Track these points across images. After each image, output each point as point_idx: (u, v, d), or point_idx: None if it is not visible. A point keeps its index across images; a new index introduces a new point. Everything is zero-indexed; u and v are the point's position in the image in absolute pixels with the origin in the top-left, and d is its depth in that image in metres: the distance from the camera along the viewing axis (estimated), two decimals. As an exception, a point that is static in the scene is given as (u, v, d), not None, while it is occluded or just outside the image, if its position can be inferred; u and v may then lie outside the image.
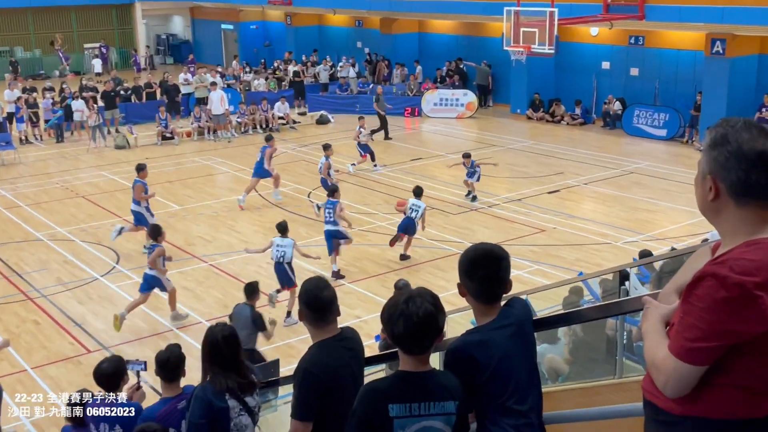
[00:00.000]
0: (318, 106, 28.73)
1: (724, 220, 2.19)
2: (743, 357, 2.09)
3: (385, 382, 2.98)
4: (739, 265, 2.04)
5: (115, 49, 42.50)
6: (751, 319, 2.03)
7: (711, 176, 2.16)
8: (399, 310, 2.81)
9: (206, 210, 17.75)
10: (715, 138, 2.16)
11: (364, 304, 12.36)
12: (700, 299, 2.07)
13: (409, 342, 2.83)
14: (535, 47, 20.19)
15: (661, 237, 15.10)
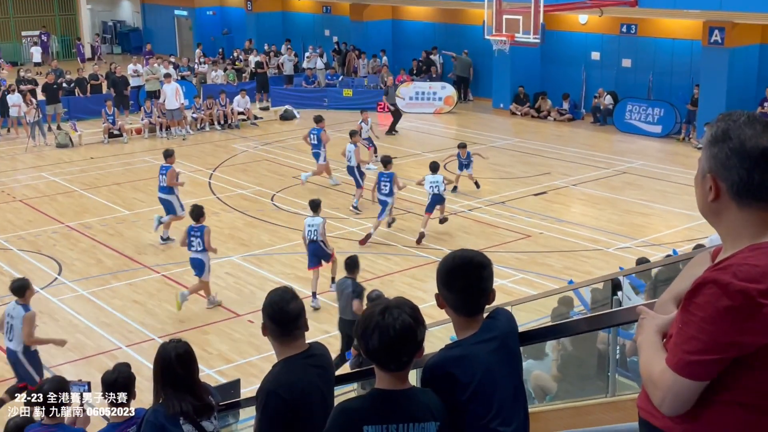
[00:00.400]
0: (282, 100, 28.67)
1: (725, 222, 2.20)
2: (747, 371, 2.11)
3: (360, 402, 2.97)
4: (743, 271, 2.05)
5: (57, 38, 42.07)
6: (755, 329, 2.04)
7: (711, 175, 2.17)
8: (374, 322, 2.80)
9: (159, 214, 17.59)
10: (715, 134, 2.17)
11: (334, 318, 12.32)
12: (701, 308, 2.08)
13: (385, 357, 2.83)
14: (519, 36, 20.32)
15: (657, 242, 15.25)
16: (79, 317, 12.69)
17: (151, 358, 4.59)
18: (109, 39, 44.92)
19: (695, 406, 2.15)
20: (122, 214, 17.72)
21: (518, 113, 27.33)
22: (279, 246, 15.54)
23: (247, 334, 12.00)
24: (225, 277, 14.24)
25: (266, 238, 16.02)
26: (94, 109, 26.19)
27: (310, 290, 12.93)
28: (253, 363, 11.08)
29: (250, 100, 27.68)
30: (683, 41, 24.41)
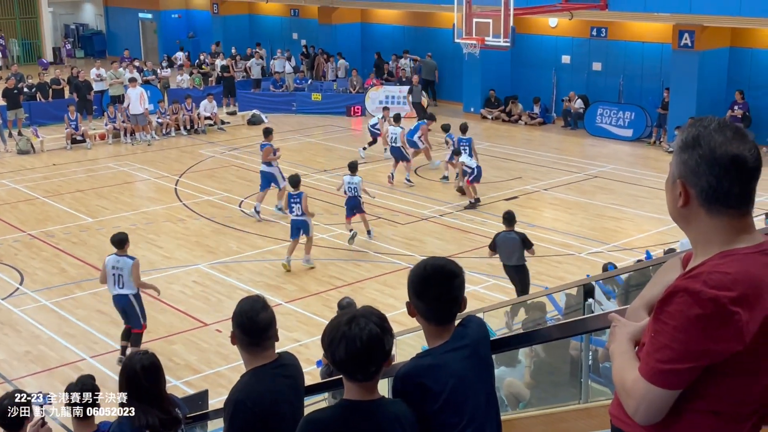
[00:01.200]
0: (249, 104, 28.56)
1: (696, 228, 2.22)
2: (719, 379, 2.13)
3: (328, 413, 2.96)
4: (714, 279, 2.07)
5: (17, 41, 41.59)
6: (727, 337, 2.06)
7: (681, 181, 2.19)
8: (341, 332, 2.79)
9: (123, 222, 17.44)
10: (686, 139, 2.19)
11: (304, 326, 12.31)
12: (673, 317, 2.10)
13: (352, 368, 2.82)
14: (490, 39, 20.41)
15: (628, 246, 15.39)
16: (41, 328, 12.53)
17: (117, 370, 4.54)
18: (72, 42, 44.51)
19: (668, 415, 2.17)
20: (86, 222, 17.54)
21: (489, 117, 27.47)
22: (247, 253, 15.47)
23: (215, 343, 11.93)
24: (192, 285, 14.14)
25: (234, 245, 15.94)
26: (56, 115, 25.89)
27: (349, 231, 15.75)
28: (221, 373, 11.01)
29: (217, 104, 27.56)
30: (653, 44, 24.69)
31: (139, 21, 41.65)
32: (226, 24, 36.29)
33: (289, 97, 29.09)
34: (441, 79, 29.20)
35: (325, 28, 32.34)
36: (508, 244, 12.41)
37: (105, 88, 27.77)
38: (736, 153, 2.12)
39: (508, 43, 20.23)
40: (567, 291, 8.67)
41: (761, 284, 2.11)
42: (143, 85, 26.75)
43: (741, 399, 2.17)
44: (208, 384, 10.27)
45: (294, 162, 22.16)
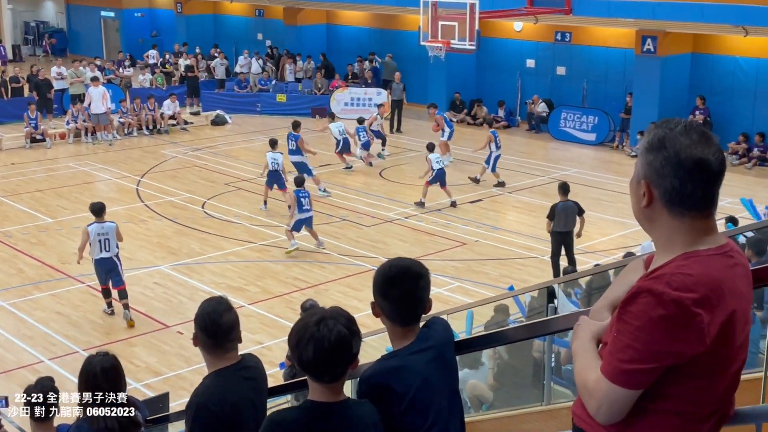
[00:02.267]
0: (213, 104, 28.39)
1: (659, 229, 2.25)
2: (681, 380, 2.15)
3: (293, 413, 2.95)
4: (677, 281, 2.10)
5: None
6: (689, 338, 2.09)
7: (645, 182, 2.21)
8: (309, 332, 2.78)
9: (83, 223, 17.19)
10: (651, 141, 2.21)
11: (267, 329, 12.25)
12: (635, 317, 2.12)
13: (319, 369, 2.81)
14: (455, 43, 20.51)
15: (591, 250, 15.52)
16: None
17: (76, 372, 4.49)
18: (31, 40, 43.88)
19: (630, 415, 2.19)
20: (45, 222, 17.30)
21: (454, 120, 27.54)
22: (210, 255, 15.37)
23: (177, 345, 11.83)
24: (153, 287, 14.02)
25: (197, 246, 15.82)
26: (15, 113, 25.50)
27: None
28: (182, 376, 10.92)
29: (180, 104, 27.34)
30: (617, 50, 24.95)
31: (101, 19, 41.19)
32: (190, 23, 36.03)
33: (254, 98, 28.96)
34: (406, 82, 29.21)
35: (290, 29, 32.25)
36: (568, 212, 13.75)
37: (66, 87, 27.42)
38: (701, 156, 2.14)
39: (473, 46, 20.36)
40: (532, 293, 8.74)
41: (723, 286, 2.13)
42: (105, 85, 26.46)
43: (702, 400, 2.19)
44: (169, 386, 10.18)
45: (257, 163, 22.01)
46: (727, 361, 2.19)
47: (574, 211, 13.87)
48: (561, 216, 13.73)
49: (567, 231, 13.88)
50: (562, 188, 13.96)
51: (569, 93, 26.10)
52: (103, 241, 12.34)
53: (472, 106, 27.59)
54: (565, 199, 13.81)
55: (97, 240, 12.30)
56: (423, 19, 20.93)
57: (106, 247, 12.37)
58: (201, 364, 3.89)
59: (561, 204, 13.78)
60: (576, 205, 13.87)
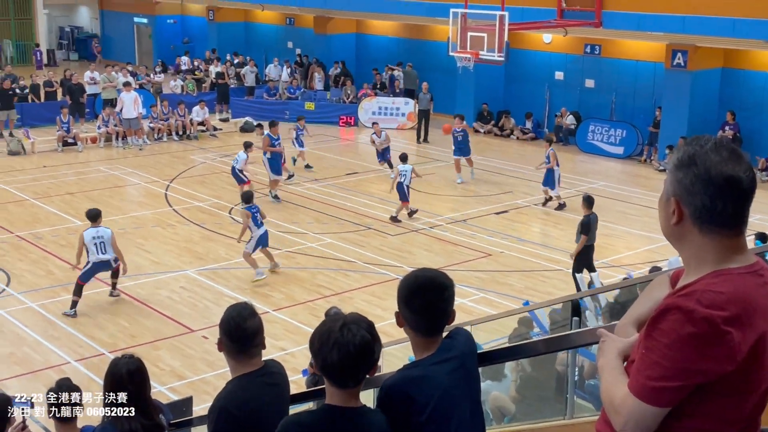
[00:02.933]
0: (243, 111, 28.56)
1: (688, 246, 2.22)
2: (709, 398, 2.12)
3: (310, 417, 2.97)
4: (707, 298, 2.07)
5: (11, 42, 41.49)
6: (719, 357, 2.06)
7: (675, 199, 2.19)
8: (333, 338, 2.79)
9: (112, 226, 17.35)
10: (681, 158, 2.19)
11: (291, 335, 12.28)
12: (664, 334, 2.10)
13: (342, 373, 2.82)
14: (484, 54, 20.48)
15: (617, 264, 15.42)
16: (26, 330, 12.46)
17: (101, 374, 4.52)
18: (65, 45, 44.42)
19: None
20: (75, 225, 17.46)
21: (481, 131, 27.53)
22: (236, 260, 15.42)
23: (201, 350, 11.88)
24: (180, 291, 14.09)
25: (223, 252, 15.90)
26: (48, 117, 25.81)
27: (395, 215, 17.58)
28: (206, 380, 10.97)
29: (210, 110, 27.53)
30: (646, 63, 24.81)
31: (134, 25, 41.62)
32: (221, 30, 36.31)
33: (282, 105, 29.09)
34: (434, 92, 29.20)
35: (320, 37, 32.39)
36: (596, 224, 13.99)
37: (98, 92, 27.70)
38: (731, 174, 2.12)
39: (502, 57, 20.30)
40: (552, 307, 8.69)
41: (753, 304, 2.11)
42: (136, 90, 26.72)
43: (730, 418, 2.16)
44: (192, 390, 10.23)
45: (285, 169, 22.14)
46: (756, 381, 2.16)
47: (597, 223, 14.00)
48: (594, 229, 13.84)
49: (593, 244, 13.96)
50: (588, 201, 13.99)
51: (597, 106, 25.97)
52: (99, 243, 12.95)
53: (500, 117, 27.54)
54: (591, 211, 13.85)
55: (92, 243, 12.92)
56: (452, 29, 20.93)
57: (102, 250, 12.98)
58: (225, 369, 3.91)
59: (593, 216, 13.86)
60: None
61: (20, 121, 25.94)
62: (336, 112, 28.47)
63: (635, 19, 21.98)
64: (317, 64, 31.69)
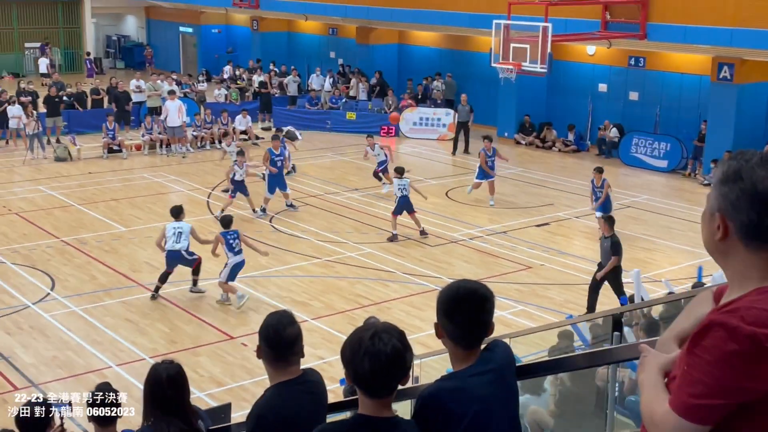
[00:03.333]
0: (285, 121, 28.76)
1: (733, 263, 2.19)
2: (753, 417, 2.08)
3: (342, 426, 2.97)
4: (751, 315, 2.03)
5: (60, 50, 42.30)
6: (762, 375, 2.02)
7: (720, 214, 2.16)
8: (364, 347, 2.78)
9: (155, 233, 17.57)
10: (726, 172, 2.16)
11: (329, 344, 12.29)
12: (707, 351, 2.07)
13: (373, 383, 2.81)
14: (526, 65, 20.41)
15: (659, 279, 15.22)
16: (70, 334, 12.65)
17: (141, 379, 4.57)
18: (112, 53, 45.15)
19: (696, 451, 2.13)
20: (118, 231, 17.71)
21: (523, 142, 27.41)
22: (276, 268, 15.52)
23: (240, 357, 11.96)
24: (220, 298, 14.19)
25: (263, 259, 15.99)
26: (94, 124, 26.23)
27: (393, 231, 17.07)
28: (245, 387, 11.03)
29: (252, 119, 27.76)
30: (692, 76, 24.52)
31: (179, 34, 42.19)
32: (265, 40, 36.65)
33: (324, 115, 29.25)
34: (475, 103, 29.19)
35: (362, 47, 32.53)
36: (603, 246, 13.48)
37: (143, 100, 28.10)
38: None
39: (545, 69, 20.21)
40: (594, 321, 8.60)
41: (799, 322, 2.07)
42: (181, 98, 27.06)
43: (772, 438, 2.12)
44: (231, 397, 10.29)
45: (326, 179, 22.27)
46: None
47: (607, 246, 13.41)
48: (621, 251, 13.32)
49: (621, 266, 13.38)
50: (610, 221, 13.57)
51: (641, 118, 25.71)
52: (177, 233, 13.85)
53: (542, 129, 27.39)
54: (613, 232, 13.37)
55: (171, 234, 13.85)
56: (495, 40, 20.89)
57: (179, 239, 13.81)
58: (263, 377, 3.92)
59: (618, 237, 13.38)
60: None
61: (67, 128, 26.40)
62: (377, 123, 28.54)
63: (681, 31, 21.75)
64: (359, 74, 31.82)
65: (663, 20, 21.99)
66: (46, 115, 25.61)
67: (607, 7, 22.65)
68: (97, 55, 42.94)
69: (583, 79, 27.11)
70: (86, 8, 42.13)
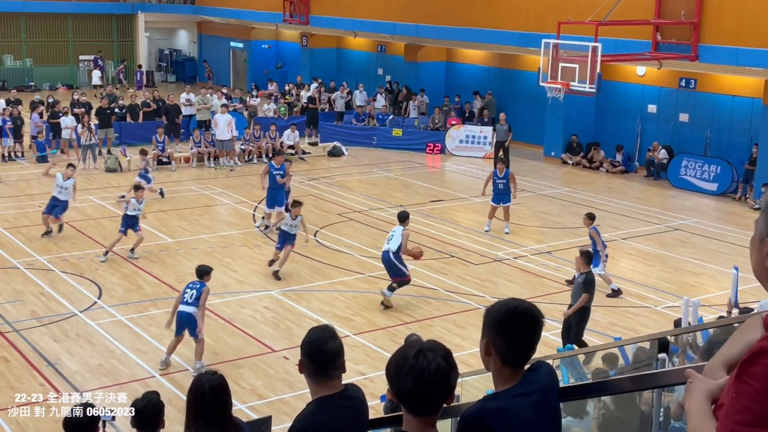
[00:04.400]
0: (331, 136, 28.93)
1: (782, 289, 2.15)
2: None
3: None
4: None
5: (113, 63, 43.11)
6: None
7: (770, 240, 2.13)
8: (408, 364, 2.78)
9: (201, 245, 17.80)
10: None
11: (371, 360, 12.29)
12: (756, 379, 2.03)
13: (417, 401, 2.81)
14: (575, 85, 20.30)
15: (707, 303, 14.97)
16: (115, 343, 12.81)
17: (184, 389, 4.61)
18: (164, 67, 45.88)
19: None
20: (165, 242, 17.92)
21: (570, 162, 27.22)
22: (319, 283, 15.57)
23: (282, 370, 12.00)
24: (263, 310, 14.29)
25: (307, 274, 16.07)
26: (144, 136, 26.65)
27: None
28: (286, 400, 11.06)
29: (300, 134, 27.98)
30: (743, 98, 24.16)
31: (230, 49, 42.75)
32: (314, 56, 36.95)
33: (371, 131, 29.37)
34: (523, 122, 29.08)
35: (410, 65, 32.64)
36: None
37: (193, 113, 28.48)
38: None
39: (593, 89, 20.09)
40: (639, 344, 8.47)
41: None
42: (230, 112, 27.38)
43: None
44: (272, 410, 10.33)
45: (371, 195, 22.34)
46: None
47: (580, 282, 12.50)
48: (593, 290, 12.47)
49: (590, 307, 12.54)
50: (587, 256, 12.77)
51: (691, 141, 25.38)
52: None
53: (589, 149, 27.18)
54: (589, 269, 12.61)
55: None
56: (543, 60, 20.83)
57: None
58: (304, 390, 3.94)
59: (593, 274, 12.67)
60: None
61: (118, 139, 26.85)
62: (423, 139, 28.58)
63: (733, 53, 21.46)
64: (407, 92, 31.91)
65: (715, 42, 21.72)
66: (98, 126, 26.07)
67: (658, 27, 22.46)
68: (149, 68, 43.69)
69: (633, 100, 26.87)
70: (140, 22, 42.94)
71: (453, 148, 28.24)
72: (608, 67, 24.14)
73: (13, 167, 24.59)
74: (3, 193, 21.86)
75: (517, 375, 3.08)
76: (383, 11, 30.76)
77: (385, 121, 29.92)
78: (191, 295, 11.79)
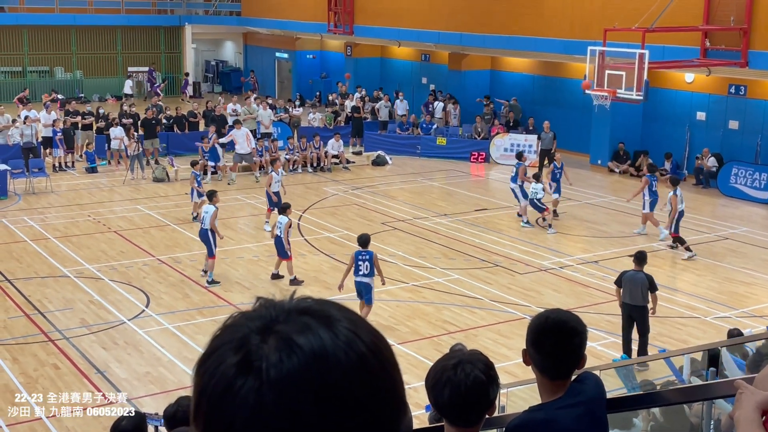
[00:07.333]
0: (375, 145, 29.01)
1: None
2: None
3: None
4: None
5: (161, 74, 43.73)
6: None
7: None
8: (446, 376, 2.79)
9: (246, 254, 17.95)
10: None
11: (415, 370, 12.26)
12: None
13: (455, 412, 2.81)
14: (621, 92, 20.11)
15: (759, 314, 14.70)
16: (162, 350, 12.97)
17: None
18: (210, 78, 46.42)
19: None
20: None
21: (617, 171, 26.94)
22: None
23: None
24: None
25: (351, 283, 16.09)
26: (191, 146, 26.95)
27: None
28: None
29: (344, 144, 28.10)
30: (795, 105, 23.72)
31: (275, 60, 43.13)
32: (358, 66, 37.11)
33: (414, 140, 29.38)
34: (568, 130, 28.85)
35: (454, 73, 32.62)
36: (634, 283, 12.53)
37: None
38: None
39: (640, 96, 19.88)
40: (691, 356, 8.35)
41: None
42: (275, 123, 27.54)
43: None
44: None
45: (415, 204, 22.34)
46: None
47: (642, 285, 12.57)
48: (627, 286, 12.58)
49: (633, 304, 12.55)
50: (638, 257, 12.86)
51: (741, 148, 24.96)
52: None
53: (637, 157, 26.87)
54: (637, 269, 12.68)
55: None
56: (589, 67, 20.67)
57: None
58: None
59: (630, 273, 12.70)
60: (647, 279, 12.60)
61: (166, 149, 27.21)
62: (467, 148, 28.51)
63: (784, 59, 21.12)
64: (450, 100, 31.87)
65: (766, 48, 21.37)
66: (144, 137, 26.44)
67: (706, 34, 22.16)
68: (196, 79, 44.24)
69: (681, 107, 26.52)
70: (187, 34, 43.52)
71: (498, 156, 28.13)
72: (656, 74, 23.88)
73: (63, 177, 25.06)
74: (54, 202, 22.29)
75: (561, 386, 3.07)
76: (427, 20, 30.81)
77: (430, 130, 29.91)
78: (366, 267, 13.52)
